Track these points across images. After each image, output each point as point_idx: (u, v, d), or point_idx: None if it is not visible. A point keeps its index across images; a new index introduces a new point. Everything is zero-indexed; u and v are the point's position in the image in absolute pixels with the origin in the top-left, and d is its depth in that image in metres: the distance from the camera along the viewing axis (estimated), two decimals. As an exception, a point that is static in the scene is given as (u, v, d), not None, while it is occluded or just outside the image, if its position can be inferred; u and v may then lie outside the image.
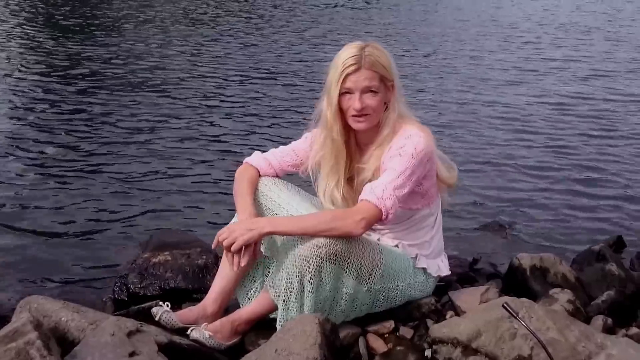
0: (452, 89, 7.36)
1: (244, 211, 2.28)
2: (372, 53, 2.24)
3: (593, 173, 4.77)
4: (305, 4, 15.02)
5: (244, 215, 2.27)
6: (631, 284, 2.67)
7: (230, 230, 2.16)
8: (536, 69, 8.49)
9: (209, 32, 10.99)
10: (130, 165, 4.79)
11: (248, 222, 2.21)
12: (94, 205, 4.09)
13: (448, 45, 10.13)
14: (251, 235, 2.14)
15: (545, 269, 2.67)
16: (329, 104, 2.28)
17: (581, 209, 4.15)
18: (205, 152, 5.12)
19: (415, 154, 2.21)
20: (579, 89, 7.34)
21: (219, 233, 2.20)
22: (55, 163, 4.79)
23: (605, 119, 6.17)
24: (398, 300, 2.37)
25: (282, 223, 2.20)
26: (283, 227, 2.18)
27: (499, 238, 3.68)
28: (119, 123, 5.80)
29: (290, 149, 2.51)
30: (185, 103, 6.53)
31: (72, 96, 6.66)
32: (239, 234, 2.14)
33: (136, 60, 8.58)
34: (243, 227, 2.17)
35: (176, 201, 4.19)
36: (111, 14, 12.53)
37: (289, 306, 2.19)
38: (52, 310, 2.14)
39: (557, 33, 11.14)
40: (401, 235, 2.40)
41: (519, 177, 4.70)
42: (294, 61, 8.80)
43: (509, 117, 6.24)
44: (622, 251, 3.47)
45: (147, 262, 2.87)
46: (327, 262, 2.13)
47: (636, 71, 8.29)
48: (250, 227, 2.16)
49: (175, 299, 2.61)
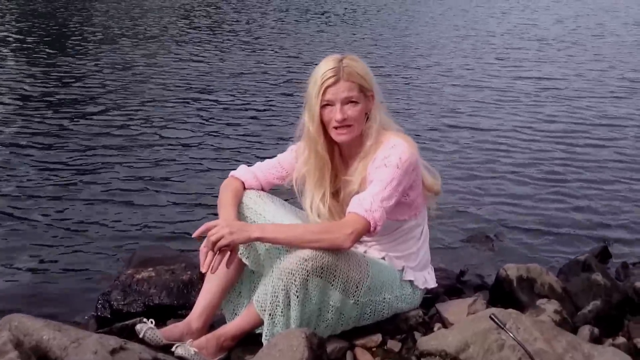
0: (434, 100, 7.40)
1: (226, 221, 2.26)
2: (350, 64, 2.27)
3: (578, 184, 4.80)
4: (284, 19, 15.08)
5: None
6: (617, 294, 2.67)
7: (220, 226, 2.13)
8: (519, 79, 8.56)
9: (191, 48, 10.98)
10: (112, 181, 4.75)
11: (238, 223, 2.18)
12: (76, 221, 4.04)
13: (429, 57, 10.20)
14: (239, 237, 2.12)
15: (531, 279, 2.67)
16: (311, 117, 2.29)
17: (566, 220, 4.17)
18: (189, 167, 5.09)
19: (400, 164, 2.21)
20: (563, 101, 7.40)
21: (208, 224, 2.16)
22: (33, 179, 4.74)
23: (589, 131, 6.22)
24: (385, 313, 2.36)
25: (271, 230, 2.18)
26: (272, 233, 2.16)
27: (485, 249, 3.69)
28: (99, 139, 5.76)
29: (276, 161, 2.50)
30: (169, 118, 6.50)
31: (49, 112, 6.62)
32: (228, 232, 2.11)
33: (117, 76, 8.54)
34: (235, 226, 2.14)
35: (160, 216, 4.16)
36: (90, 29, 12.50)
37: (275, 321, 2.17)
38: (33, 328, 2.10)
39: (538, 47, 11.26)
40: (388, 247, 2.39)
41: (504, 188, 4.72)
42: (277, 74, 8.81)
43: (493, 128, 6.28)
44: (607, 261, 3.49)
45: (131, 278, 2.83)
46: (314, 276, 2.11)
47: (620, 86, 8.38)
48: (241, 228, 2.14)
49: (159, 315, 2.58)
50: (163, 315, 2.64)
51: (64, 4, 15.78)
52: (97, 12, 14.58)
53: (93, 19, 14.15)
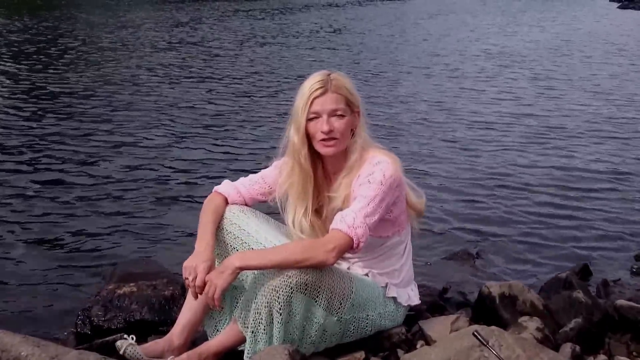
0: (416, 118, 7.46)
1: (201, 240, 2.26)
2: (338, 78, 2.30)
3: (559, 202, 4.84)
4: (273, 35, 15.15)
5: (201, 245, 2.25)
6: (598, 312, 2.68)
7: (199, 278, 2.13)
8: (507, 100, 8.64)
9: (174, 61, 10.99)
10: (94, 195, 4.71)
11: (217, 268, 2.17)
12: (56, 235, 4.00)
13: (413, 73, 10.29)
14: (225, 279, 2.11)
15: (514, 296, 2.68)
16: (297, 129, 2.30)
17: (547, 238, 4.20)
18: (173, 182, 5.07)
19: (384, 181, 2.22)
20: (544, 119, 7.49)
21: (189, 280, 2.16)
22: (13, 192, 4.69)
23: (570, 148, 6.29)
24: (368, 330, 2.35)
25: (252, 257, 2.17)
26: (254, 261, 2.15)
27: (468, 267, 3.70)
28: (78, 153, 5.73)
29: (259, 177, 2.50)
30: (152, 133, 6.49)
31: (25, 125, 6.58)
32: (215, 283, 2.11)
33: (104, 89, 8.52)
34: (215, 274, 2.13)
35: (142, 230, 4.12)
36: (73, 45, 12.47)
37: (258, 337, 2.15)
38: (11, 344, 2.07)
39: (527, 66, 11.42)
40: (371, 263, 2.39)
41: (486, 206, 4.74)
42: (262, 90, 8.83)
43: (475, 146, 6.33)
44: (588, 279, 3.51)
45: (112, 293, 2.80)
46: (297, 292, 2.11)
47: (606, 99, 8.52)
48: (221, 270, 2.14)
49: (140, 331, 2.54)
50: (144, 331, 2.61)
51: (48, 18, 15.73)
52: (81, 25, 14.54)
53: (76, 31, 14.11)
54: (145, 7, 21.86)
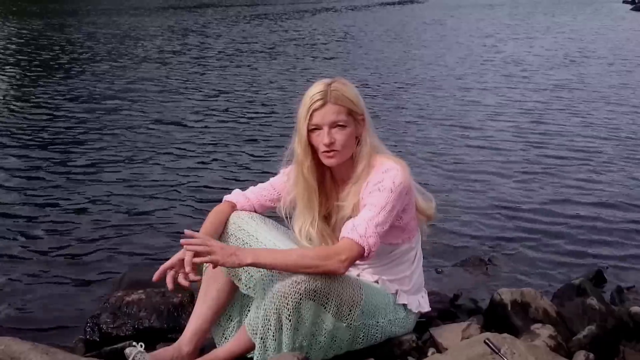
0: (425, 123, 7.44)
1: None
2: (338, 88, 2.26)
3: (572, 207, 4.80)
4: (279, 42, 15.20)
5: None
6: (612, 319, 2.65)
7: (212, 248, 2.08)
8: (515, 102, 8.61)
9: (178, 67, 11.04)
10: (103, 201, 4.73)
11: (232, 247, 2.15)
12: (65, 242, 4.00)
13: (419, 79, 10.27)
14: (232, 261, 2.07)
15: (526, 303, 2.65)
16: (299, 140, 2.29)
17: (560, 243, 4.15)
18: (181, 190, 5.07)
19: (394, 188, 2.20)
20: (553, 123, 7.44)
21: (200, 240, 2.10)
22: (21, 199, 4.71)
23: (581, 151, 6.25)
24: (378, 337, 2.33)
25: (264, 255, 2.14)
26: (265, 259, 2.12)
27: (479, 273, 3.66)
28: (85, 160, 5.76)
29: (268, 184, 2.50)
30: (161, 140, 6.51)
31: (27, 132, 6.62)
32: (221, 256, 2.07)
33: (110, 98, 8.57)
34: (227, 251, 2.09)
35: (151, 237, 4.12)
36: (73, 55, 12.56)
37: (267, 345, 2.14)
38: (20, 352, 2.07)
39: (535, 70, 11.38)
40: (381, 270, 2.37)
41: (497, 211, 4.70)
42: (269, 98, 8.84)
43: (486, 152, 6.29)
44: (602, 285, 3.47)
45: (120, 300, 2.79)
46: (306, 299, 2.09)
47: (609, 106, 8.46)
48: (235, 252, 2.09)
49: (149, 339, 2.53)
50: (153, 338, 2.60)
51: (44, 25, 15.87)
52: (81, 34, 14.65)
53: (74, 41, 14.21)
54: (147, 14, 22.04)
